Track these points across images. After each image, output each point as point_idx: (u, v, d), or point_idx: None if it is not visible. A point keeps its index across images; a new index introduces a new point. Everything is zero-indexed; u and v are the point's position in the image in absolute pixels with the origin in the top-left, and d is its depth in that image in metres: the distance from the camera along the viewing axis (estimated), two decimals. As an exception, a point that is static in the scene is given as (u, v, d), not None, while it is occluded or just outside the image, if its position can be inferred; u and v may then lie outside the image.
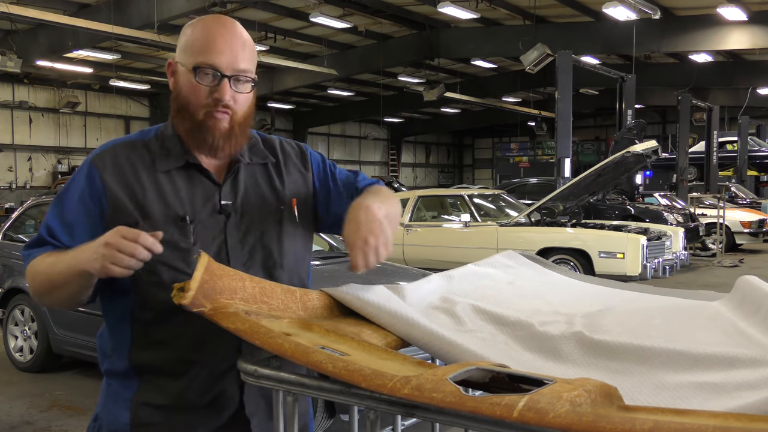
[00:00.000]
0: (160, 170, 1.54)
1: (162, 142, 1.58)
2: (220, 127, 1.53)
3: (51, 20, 14.85)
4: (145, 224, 1.47)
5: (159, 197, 1.52)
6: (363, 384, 1.05)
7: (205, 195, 1.56)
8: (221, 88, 1.50)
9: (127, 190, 1.51)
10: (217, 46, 1.51)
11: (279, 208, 1.63)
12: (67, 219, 1.53)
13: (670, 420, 0.86)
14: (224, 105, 1.51)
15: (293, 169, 1.69)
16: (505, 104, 29.44)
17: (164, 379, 1.53)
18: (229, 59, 1.51)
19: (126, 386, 1.55)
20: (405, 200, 10.77)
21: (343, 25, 17.92)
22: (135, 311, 1.52)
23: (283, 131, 32.39)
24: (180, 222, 1.51)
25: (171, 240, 1.48)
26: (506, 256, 1.97)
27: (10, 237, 6.72)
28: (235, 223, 1.56)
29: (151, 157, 1.56)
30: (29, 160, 24.55)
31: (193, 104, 1.52)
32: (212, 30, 1.53)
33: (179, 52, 1.56)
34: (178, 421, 1.52)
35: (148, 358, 1.53)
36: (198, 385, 1.52)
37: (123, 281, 1.49)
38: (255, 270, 1.55)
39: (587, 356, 1.33)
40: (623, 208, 13.04)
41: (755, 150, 22.35)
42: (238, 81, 1.53)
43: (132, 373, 1.54)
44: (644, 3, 14.79)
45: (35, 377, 5.89)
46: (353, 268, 1.43)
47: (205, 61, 1.50)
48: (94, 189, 1.52)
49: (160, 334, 1.51)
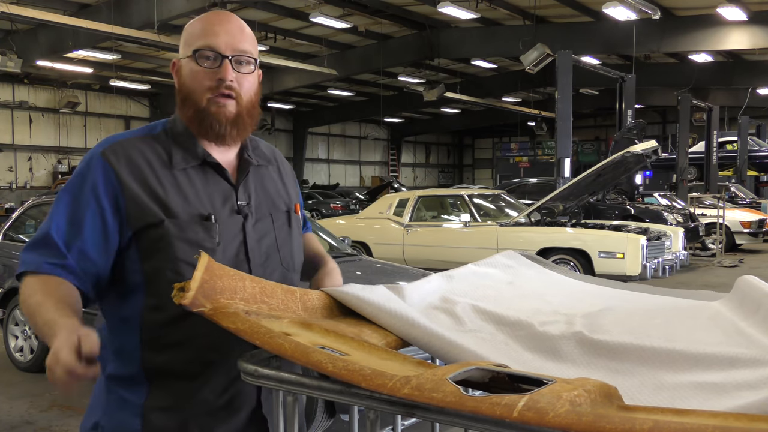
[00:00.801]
0: (178, 168, 1.50)
1: (174, 139, 1.54)
2: (226, 112, 1.50)
3: (51, 20, 14.86)
4: (171, 223, 1.44)
5: (180, 195, 1.48)
6: (363, 384, 1.05)
7: (224, 195, 1.53)
8: (223, 68, 1.49)
9: (147, 188, 1.45)
10: (215, 29, 1.51)
11: (286, 211, 1.65)
12: (76, 216, 1.45)
13: (670, 420, 0.86)
14: (228, 87, 1.49)
15: (289, 179, 1.72)
16: (505, 104, 29.45)
17: (179, 382, 1.47)
18: (227, 40, 1.50)
19: (134, 392, 1.48)
20: (405, 200, 10.78)
21: (343, 25, 17.93)
22: (145, 313, 1.46)
23: (283, 131, 32.39)
24: (205, 221, 1.48)
25: (196, 239, 1.45)
26: (506, 256, 1.97)
27: (10, 237, 6.72)
28: (251, 224, 1.55)
29: (167, 153, 1.51)
30: (29, 160, 24.56)
31: (196, 91, 1.50)
32: (209, 17, 1.54)
33: (181, 49, 1.55)
34: (194, 424, 1.47)
35: (162, 361, 1.47)
36: (215, 385, 1.48)
37: (132, 282, 1.46)
38: (272, 270, 1.56)
39: (587, 356, 1.33)
40: (623, 208, 13.04)
41: (755, 150, 22.35)
42: (240, 63, 1.52)
43: (142, 377, 1.47)
44: (644, 3, 14.79)
45: (35, 377, 5.89)
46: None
47: (204, 44, 1.50)
48: (108, 184, 1.45)
49: (176, 335, 1.45)
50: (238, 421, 1.51)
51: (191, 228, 1.45)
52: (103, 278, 1.47)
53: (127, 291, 1.48)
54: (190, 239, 1.44)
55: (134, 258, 1.45)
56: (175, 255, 1.44)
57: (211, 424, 1.49)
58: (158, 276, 1.43)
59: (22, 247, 1.58)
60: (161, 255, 1.44)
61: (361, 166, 37.51)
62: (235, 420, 1.51)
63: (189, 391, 1.47)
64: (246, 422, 1.52)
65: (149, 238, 1.45)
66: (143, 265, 1.46)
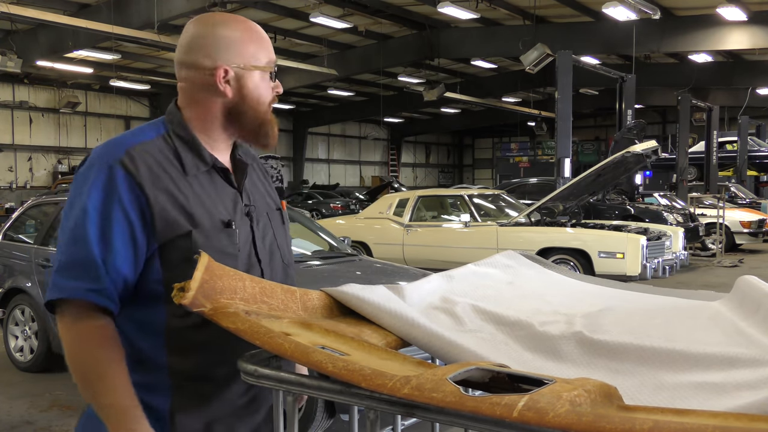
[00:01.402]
0: (191, 174, 1.48)
1: (183, 144, 1.51)
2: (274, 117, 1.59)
3: (51, 20, 14.86)
4: (197, 233, 1.43)
5: (200, 203, 1.46)
6: (363, 384, 1.05)
7: (233, 199, 1.54)
8: (278, 83, 1.58)
9: (170, 198, 1.43)
10: (269, 44, 1.57)
11: (278, 210, 1.67)
12: (105, 234, 1.38)
13: (670, 420, 0.86)
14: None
15: (266, 176, 1.74)
16: (505, 104, 29.46)
17: (203, 385, 1.47)
18: (272, 55, 1.58)
19: (157, 397, 1.45)
20: (405, 200, 10.78)
21: (343, 25, 17.94)
22: (170, 320, 1.44)
23: (283, 131, 32.36)
24: (227, 228, 1.48)
25: (220, 247, 1.45)
26: (506, 256, 1.97)
27: (10, 237, 6.72)
28: (256, 224, 1.58)
29: (177, 159, 1.48)
30: (29, 160, 24.57)
31: (265, 104, 1.55)
32: (254, 28, 1.56)
33: (232, 56, 1.50)
34: (219, 426, 1.48)
35: (188, 365, 1.46)
36: (238, 386, 1.48)
37: (153, 291, 1.44)
38: (274, 267, 1.59)
39: (587, 356, 1.33)
40: (623, 208, 13.04)
41: (755, 150, 22.36)
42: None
43: (166, 382, 1.46)
44: (644, 3, 14.79)
45: (35, 377, 5.89)
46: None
47: (271, 60, 1.55)
48: (134, 197, 1.40)
49: (200, 338, 1.44)
50: (258, 419, 1.54)
51: (216, 236, 1.46)
52: (129, 292, 1.44)
53: (148, 299, 1.45)
54: (215, 247, 1.44)
55: (156, 268, 1.43)
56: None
57: (235, 424, 1.50)
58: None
59: (22, 247, 1.57)
60: (187, 264, 1.37)
61: (361, 166, 37.53)
62: (256, 418, 1.54)
63: (213, 393, 1.48)
64: (263, 420, 1.55)
65: (177, 248, 1.43)
66: (165, 275, 1.43)
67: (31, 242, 6.46)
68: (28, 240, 6.60)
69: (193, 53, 1.50)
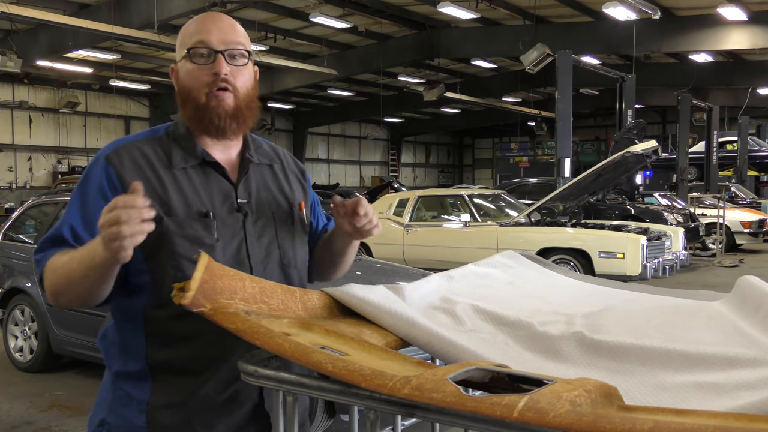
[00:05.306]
0: (177, 167, 1.54)
1: (175, 140, 1.58)
2: (225, 106, 1.54)
3: (51, 20, 14.85)
4: (170, 220, 1.48)
5: (179, 194, 1.52)
6: (363, 384, 1.05)
7: (223, 193, 1.57)
8: (217, 63, 1.53)
9: (147, 187, 1.47)
10: (207, 27, 1.56)
11: (289, 210, 1.67)
12: (88, 217, 1.48)
13: (670, 420, 0.86)
14: (223, 80, 1.52)
15: (293, 177, 1.74)
16: (505, 104, 29.44)
17: (182, 378, 1.50)
18: (218, 36, 1.54)
19: (139, 388, 1.51)
20: (405, 200, 10.78)
21: (343, 25, 17.92)
22: (149, 310, 1.50)
23: (283, 131, 32.39)
24: (203, 218, 1.51)
25: (196, 236, 1.49)
26: (506, 256, 1.97)
27: (10, 237, 6.72)
28: (252, 221, 1.58)
29: (167, 154, 1.55)
30: (29, 160, 24.54)
31: (195, 89, 1.54)
32: (201, 18, 1.59)
33: (177, 53, 1.60)
34: (197, 420, 1.50)
35: (166, 357, 1.50)
36: (217, 381, 1.50)
37: (138, 280, 1.49)
38: (272, 268, 1.59)
39: (587, 356, 1.33)
40: (623, 208, 13.04)
41: (755, 150, 22.35)
42: (233, 56, 1.56)
43: (147, 373, 1.51)
44: (644, 3, 14.78)
45: (35, 377, 5.89)
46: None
47: (197, 41, 1.54)
48: (111, 185, 1.50)
49: (180, 331, 1.48)
50: (241, 417, 1.53)
51: (190, 224, 1.49)
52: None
53: (134, 289, 1.51)
54: (189, 236, 1.48)
55: (139, 257, 1.46)
56: (175, 251, 1.48)
57: (214, 420, 1.51)
58: (161, 273, 1.46)
59: (22, 247, 1.60)
60: (163, 252, 1.48)
61: (361, 166, 37.51)
62: (238, 415, 1.53)
63: (192, 387, 1.50)
64: (248, 418, 1.54)
65: (151, 236, 1.44)
66: (148, 264, 1.49)
67: (31, 242, 6.46)
68: (28, 240, 6.60)
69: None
